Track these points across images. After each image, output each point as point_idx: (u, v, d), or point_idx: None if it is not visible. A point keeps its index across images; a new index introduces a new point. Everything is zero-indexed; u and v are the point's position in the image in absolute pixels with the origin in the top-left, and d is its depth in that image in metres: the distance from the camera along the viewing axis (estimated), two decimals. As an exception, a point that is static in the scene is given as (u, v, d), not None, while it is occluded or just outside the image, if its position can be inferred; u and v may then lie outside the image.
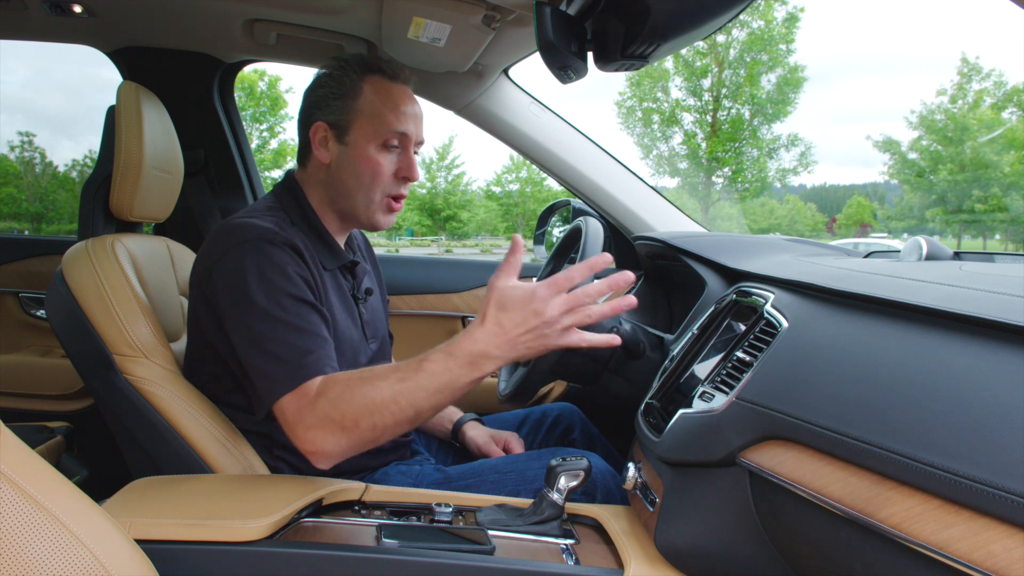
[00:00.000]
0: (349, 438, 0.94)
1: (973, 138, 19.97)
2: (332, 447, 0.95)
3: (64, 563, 0.56)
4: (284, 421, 0.98)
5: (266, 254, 1.05)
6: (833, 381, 0.66)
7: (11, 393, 1.99)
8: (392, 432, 0.96)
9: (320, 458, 0.96)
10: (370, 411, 0.93)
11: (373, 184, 1.18)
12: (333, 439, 0.94)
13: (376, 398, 0.93)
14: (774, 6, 20.70)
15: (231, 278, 1.04)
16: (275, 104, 22.65)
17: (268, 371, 0.99)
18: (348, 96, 1.17)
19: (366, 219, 1.21)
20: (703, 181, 22.93)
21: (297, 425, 0.96)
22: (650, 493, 0.90)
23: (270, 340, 1.00)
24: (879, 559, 0.56)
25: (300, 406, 0.96)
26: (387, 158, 1.18)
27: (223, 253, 1.06)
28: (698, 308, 1.25)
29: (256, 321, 1.01)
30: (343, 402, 0.94)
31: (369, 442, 0.96)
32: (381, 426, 0.94)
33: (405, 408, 0.94)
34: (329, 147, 1.19)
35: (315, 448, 0.95)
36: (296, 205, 1.21)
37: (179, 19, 1.74)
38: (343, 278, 1.24)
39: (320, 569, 0.82)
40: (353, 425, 0.94)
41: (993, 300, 0.63)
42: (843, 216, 29.50)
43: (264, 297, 1.02)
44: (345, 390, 0.95)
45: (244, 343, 1.02)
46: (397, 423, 0.95)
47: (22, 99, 39.60)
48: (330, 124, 1.18)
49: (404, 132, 1.18)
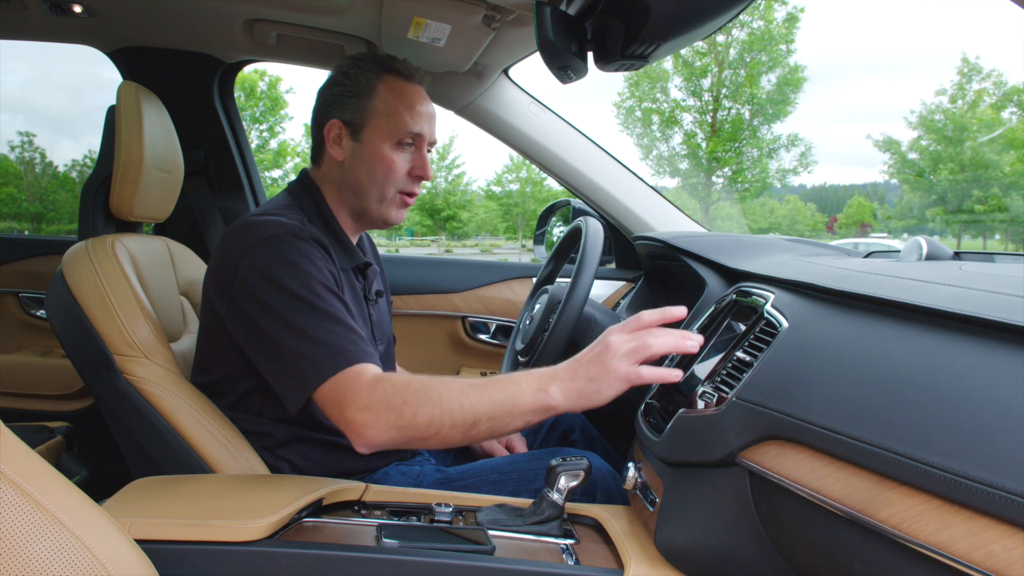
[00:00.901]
0: (402, 428, 0.93)
1: (973, 138, 19.97)
2: (381, 433, 0.93)
3: (64, 563, 0.56)
4: (332, 402, 0.96)
5: (296, 247, 1.04)
6: (833, 381, 0.66)
7: (11, 393, 1.99)
8: (444, 436, 0.94)
9: (364, 441, 0.94)
10: (431, 405, 0.92)
11: (387, 181, 1.18)
12: (385, 424, 0.92)
13: (442, 394, 0.93)
14: (774, 6, 20.71)
15: (262, 271, 1.02)
16: (275, 104, 22.64)
17: (311, 355, 0.97)
18: (363, 95, 1.18)
19: (379, 215, 1.22)
20: (703, 181, 22.93)
21: (349, 405, 0.94)
22: (650, 493, 0.90)
23: (311, 326, 0.99)
24: (879, 559, 0.56)
25: (353, 387, 0.95)
26: (401, 156, 1.19)
27: (248, 249, 1.04)
28: (698, 308, 1.25)
29: (294, 310, 1.00)
30: (408, 392, 0.93)
31: (419, 440, 0.94)
32: (437, 424, 0.92)
33: (467, 412, 0.93)
34: (343, 145, 1.19)
35: (364, 430, 0.93)
36: (313, 204, 1.21)
37: (179, 19, 1.74)
38: (356, 279, 1.24)
39: (320, 569, 0.82)
40: (412, 415, 0.92)
41: (993, 300, 0.63)
42: (843, 216, 29.53)
43: (300, 287, 1.01)
44: (411, 381, 0.95)
45: (280, 333, 0.99)
46: (453, 426, 0.93)
47: (23, 99, 39.66)
48: (345, 122, 1.19)
49: (419, 132, 1.19)
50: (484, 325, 2.10)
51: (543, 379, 0.94)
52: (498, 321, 2.08)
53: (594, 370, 0.93)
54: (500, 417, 0.93)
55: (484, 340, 2.09)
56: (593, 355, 0.94)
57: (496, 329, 2.09)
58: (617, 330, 0.95)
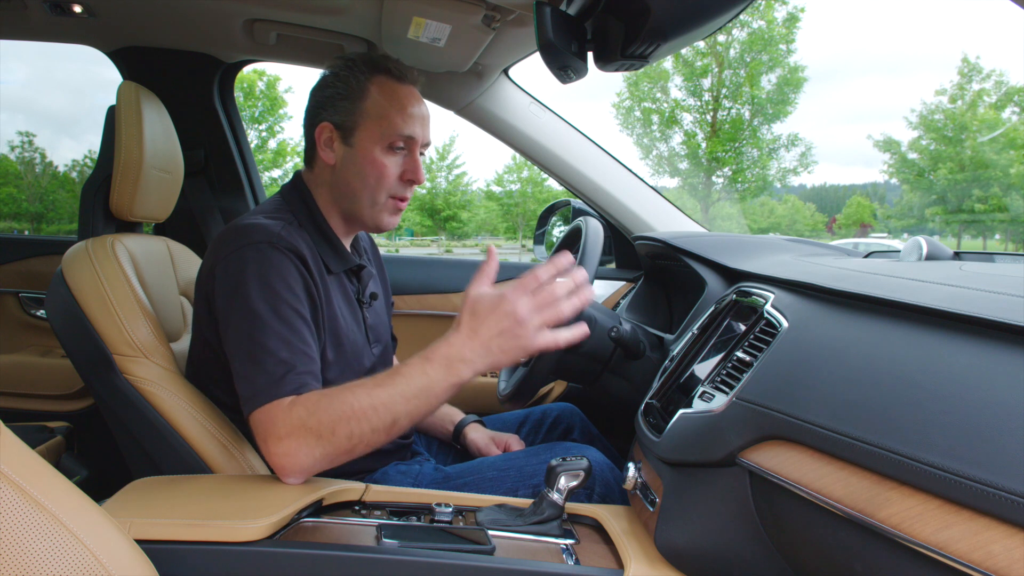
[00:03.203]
0: (324, 447, 0.93)
1: (973, 138, 19.97)
2: (305, 457, 0.93)
3: (64, 563, 0.56)
4: (257, 432, 0.97)
5: (269, 259, 1.04)
6: (833, 381, 0.66)
7: (11, 393, 1.99)
8: (369, 441, 0.94)
9: (290, 471, 0.93)
10: (347, 418, 0.92)
11: (378, 186, 1.16)
12: (307, 448, 0.92)
13: (353, 404, 0.93)
14: (774, 6, 20.71)
15: (232, 280, 1.03)
16: (274, 104, 22.64)
17: (252, 379, 0.98)
18: (354, 97, 1.16)
19: (371, 220, 1.20)
20: (703, 181, 22.93)
21: (269, 436, 0.94)
22: (650, 493, 0.90)
23: (260, 348, 0.99)
24: (879, 559, 0.56)
25: (273, 415, 0.95)
26: (392, 160, 1.16)
27: (227, 255, 1.06)
28: (698, 308, 1.25)
29: (250, 326, 1.00)
30: (320, 409, 0.93)
31: (344, 452, 0.94)
32: (358, 434, 0.93)
33: (383, 415, 0.93)
34: (334, 148, 1.18)
35: (287, 459, 0.93)
36: (303, 207, 1.20)
37: (179, 19, 1.74)
38: (348, 282, 1.24)
39: (320, 569, 0.82)
40: (329, 433, 0.92)
41: (993, 300, 0.63)
42: (842, 216, 29.51)
43: (262, 303, 1.01)
44: (322, 398, 0.95)
45: (235, 346, 1.01)
46: (374, 430, 0.93)
47: (23, 99, 39.67)
48: (335, 125, 1.17)
49: (411, 135, 1.16)
50: (484, 325, 2.09)
51: (452, 363, 0.94)
52: None
53: (508, 344, 0.94)
54: (418, 409, 0.95)
55: (484, 340, 2.09)
56: (504, 327, 0.94)
57: (496, 329, 2.09)
58: (520, 297, 0.95)
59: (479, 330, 0.94)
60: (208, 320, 1.10)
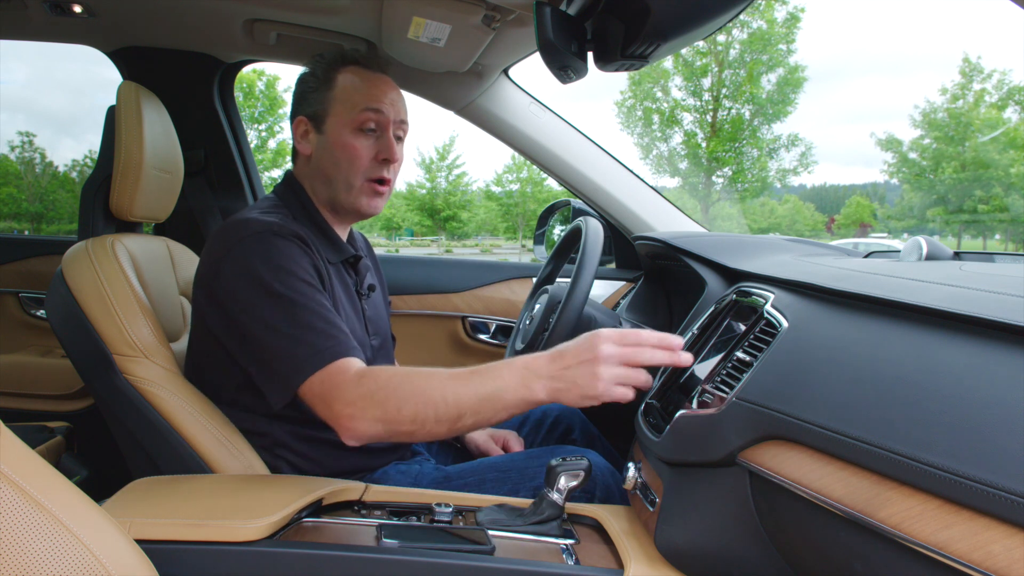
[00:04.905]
0: (387, 423, 0.93)
1: (974, 137, 19.96)
2: (368, 427, 0.94)
3: (64, 563, 0.56)
4: (318, 397, 0.97)
5: (275, 245, 1.05)
6: (833, 381, 0.66)
7: (11, 393, 1.99)
8: (431, 430, 0.94)
9: (352, 434, 0.95)
10: (416, 400, 0.92)
11: (352, 169, 1.18)
12: (372, 418, 0.93)
13: (426, 389, 0.93)
14: (774, 6, 20.70)
15: (243, 271, 1.03)
16: (273, 104, 22.64)
17: (293, 352, 0.98)
18: (324, 87, 1.19)
19: (350, 205, 1.21)
20: (703, 181, 22.92)
21: (335, 400, 0.95)
22: (650, 493, 0.90)
23: (292, 324, 0.99)
24: (879, 559, 0.56)
25: (337, 382, 0.96)
26: (364, 143, 1.18)
27: (230, 249, 1.06)
28: (698, 308, 1.25)
29: (273, 308, 1.00)
30: (392, 386, 0.94)
31: (404, 434, 0.95)
32: (422, 419, 0.93)
33: (452, 407, 0.93)
34: (309, 139, 1.21)
35: (351, 423, 0.94)
36: (297, 201, 1.22)
37: (179, 19, 1.74)
38: (347, 273, 1.24)
39: (320, 569, 0.82)
40: (396, 410, 0.93)
41: (993, 300, 0.63)
42: (842, 216, 29.51)
43: (279, 284, 1.02)
44: (395, 375, 0.95)
45: (262, 331, 1.00)
46: (438, 420, 0.93)
47: (23, 98, 39.71)
48: (309, 117, 1.21)
49: (377, 108, 1.17)
50: (484, 325, 2.10)
51: (528, 376, 0.93)
52: (498, 321, 2.08)
53: (581, 378, 0.91)
54: (484, 411, 0.94)
55: (484, 340, 2.09)
56: (584, 360, 0.91)
57: (496, 329, 2.09)
58: (612, 341, 0.92)
59: (564, 354, 0.93)
60: (218, 318, 1.08)
